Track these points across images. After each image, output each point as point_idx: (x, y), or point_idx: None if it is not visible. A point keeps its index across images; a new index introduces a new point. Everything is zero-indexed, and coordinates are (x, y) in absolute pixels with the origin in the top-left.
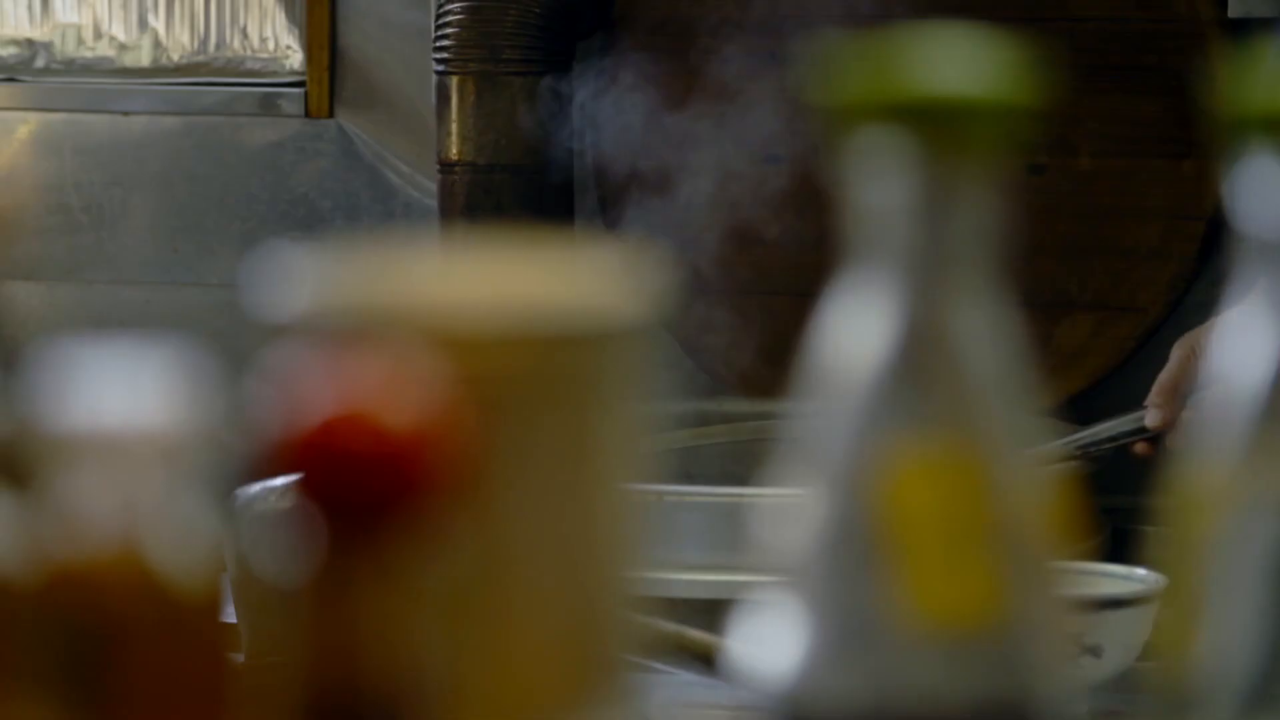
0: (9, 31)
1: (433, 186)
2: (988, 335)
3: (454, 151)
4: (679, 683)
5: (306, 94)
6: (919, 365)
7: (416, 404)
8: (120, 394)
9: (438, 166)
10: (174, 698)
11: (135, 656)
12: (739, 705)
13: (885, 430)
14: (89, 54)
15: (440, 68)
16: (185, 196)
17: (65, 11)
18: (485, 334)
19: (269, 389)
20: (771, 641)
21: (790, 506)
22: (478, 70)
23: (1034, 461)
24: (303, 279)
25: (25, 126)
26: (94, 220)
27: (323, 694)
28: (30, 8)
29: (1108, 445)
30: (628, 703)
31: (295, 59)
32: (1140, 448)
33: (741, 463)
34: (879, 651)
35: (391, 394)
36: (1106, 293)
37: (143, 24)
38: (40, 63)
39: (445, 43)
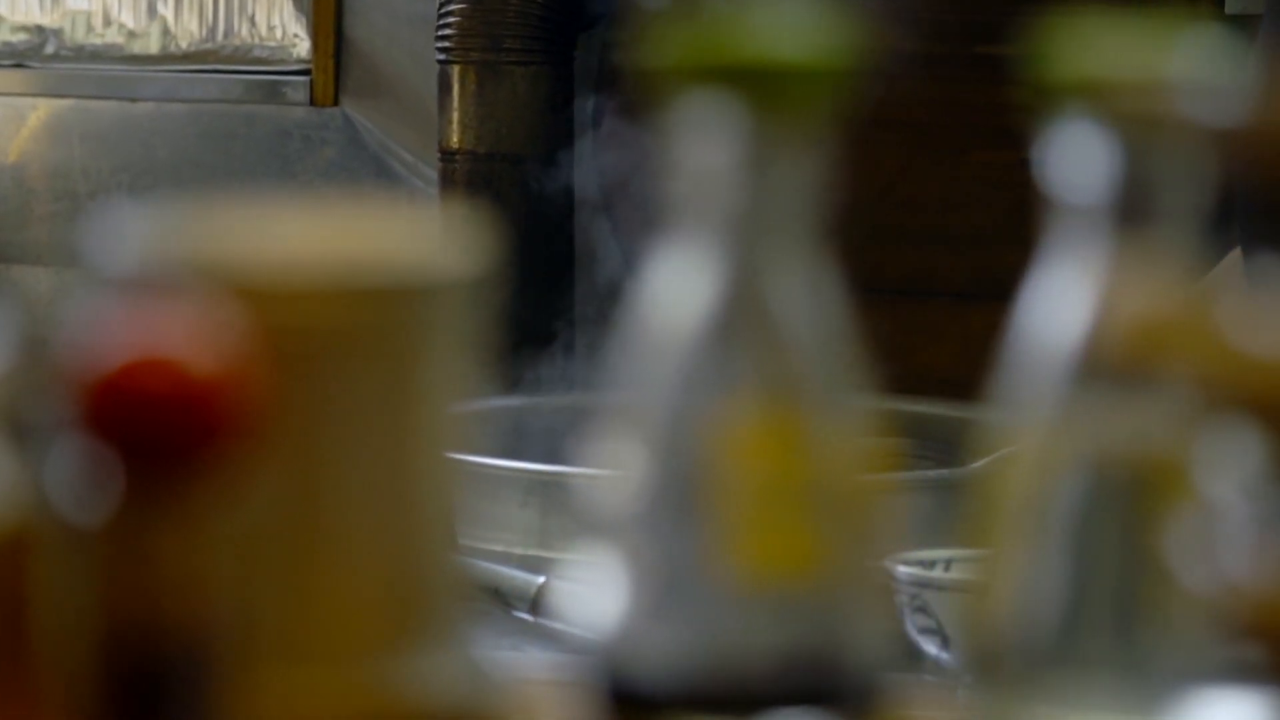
0: (20, 18)
1: (436, 175)
2: (809, 297)
3: (455, 140)
4: (504, 629)
5: (312, 82)
6: (739, 326)
7: (217, 351)
8: None
9: (439, 155)
10: None
11: None
12: (563, 654)
13: (705, 389)
14: (98, 41)
15: (442, 57)
16: (191, 183)
17: None
18: (301, 286)
19: (77, 336)
20: (594, 594)
21: (614, 466)
22: (479, 59)
23: (852, 422)
24: (130, 233)
25: (35, 112)
26: (101, 206)
27: (121, 638)
28: None
29: None
30: (451, 648)
31: (302, 47)
32: None
33: None
34: (696, 606)
35: (193, 341)
36: None
37: (152, 11)
38: (50, 49)
39: (447, 31)
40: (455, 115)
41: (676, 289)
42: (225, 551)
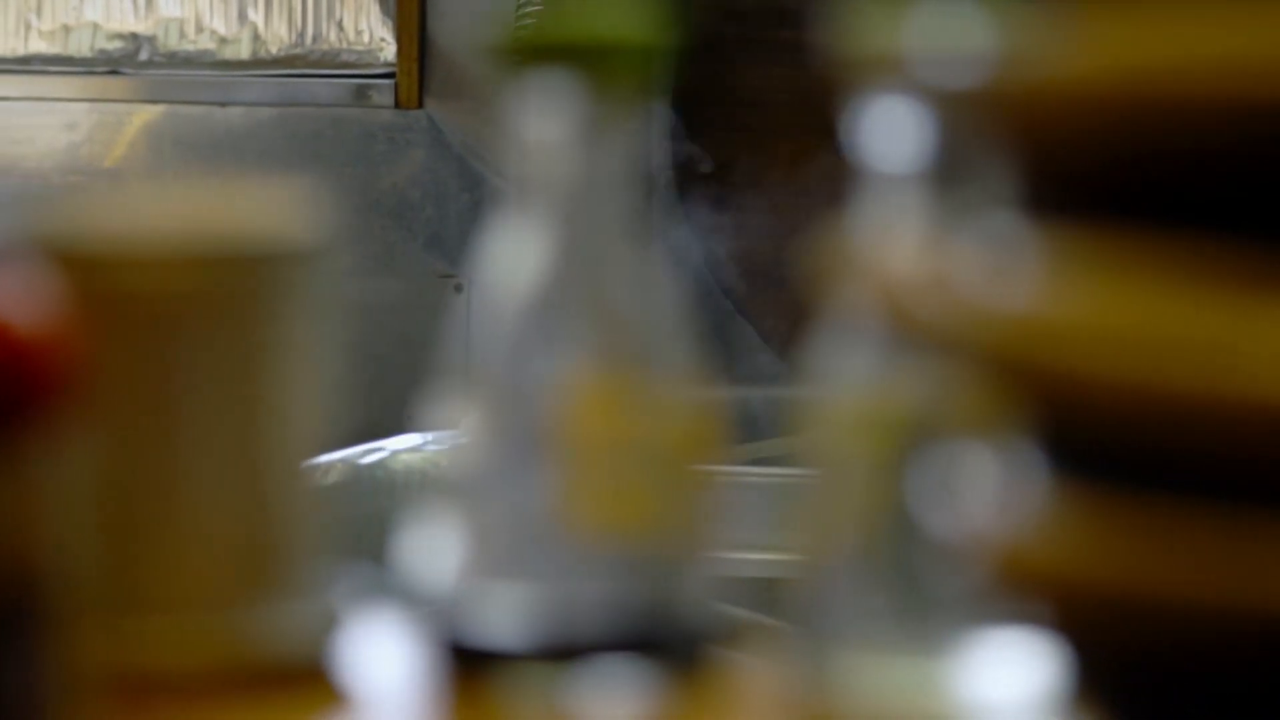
0: (114, 25)
1: None
2: (639, 266)
3: None
4: (360, 578)
5: (397, 85)
6: (574, 294)
7: (43, 314)
8: None
9: None
10: None
11: None
12: (410, 607)
13: (542, 354)
14: (190, 47)
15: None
16: None
17: (168, 6)
18: (144, 255)
19: None
20: (438, 549)
21: (458, 427)
22: None
23: (683, 387)
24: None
25: (130, 119)
26: None
27: None
28: (135, 2)
29: None
30: (299, 600)
31: (389, 51)
32: None
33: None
34: (534, 561)
35: (19, 305)
36: None
37: (242, 17)
38: (144, 56)
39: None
40: None
41: (515, 258)
42: (57, 505)
